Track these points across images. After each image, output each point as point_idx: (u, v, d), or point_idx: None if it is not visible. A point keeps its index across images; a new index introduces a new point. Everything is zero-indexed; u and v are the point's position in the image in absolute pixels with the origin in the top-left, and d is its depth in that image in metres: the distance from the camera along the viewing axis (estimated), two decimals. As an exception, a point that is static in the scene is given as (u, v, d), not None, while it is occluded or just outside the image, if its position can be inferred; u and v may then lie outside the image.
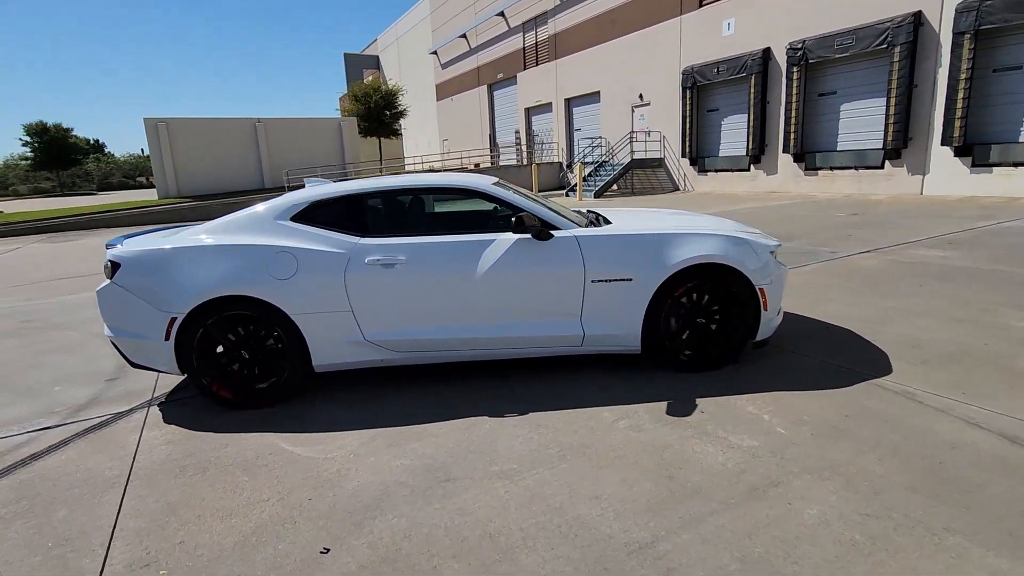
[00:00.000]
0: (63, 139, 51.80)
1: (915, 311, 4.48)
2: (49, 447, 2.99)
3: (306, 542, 2.10)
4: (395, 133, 35.15)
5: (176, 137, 27.18)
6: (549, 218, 3.45)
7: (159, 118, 26.91)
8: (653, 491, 2.31)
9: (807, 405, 2.99)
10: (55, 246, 13.91)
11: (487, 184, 3.56)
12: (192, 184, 27.35)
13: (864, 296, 5.00)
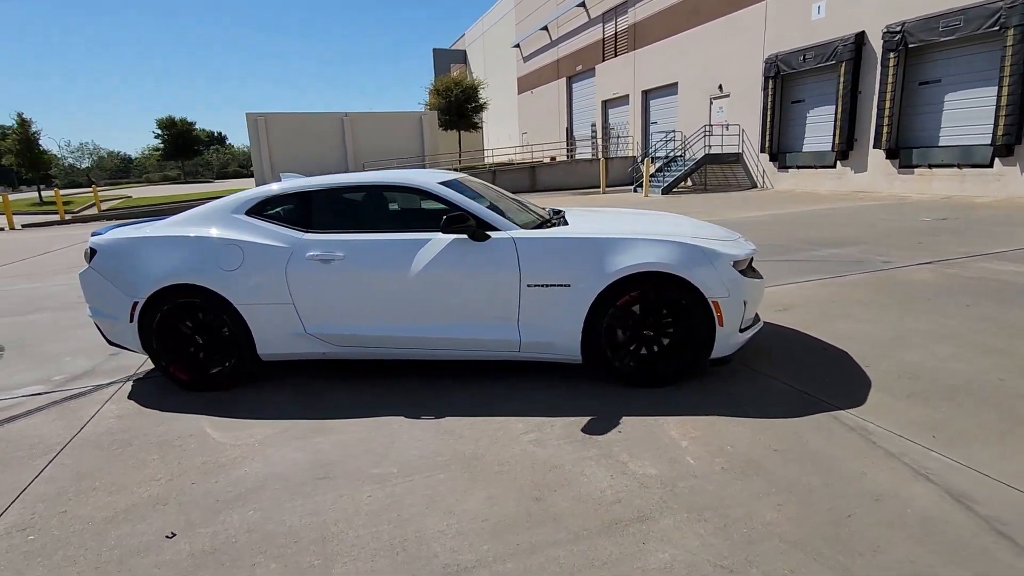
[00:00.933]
0: (187, 132, 57.80)
1: (941, 335, 3.90)
2: (26, 412, 3.35)
3: (163, 525, 2.20)
4: (475, 126, 35.71)
5: (272, 131, 29.35)
6: (488, 219, 3.34)
7: (259, 113, 29.18)
8: (512, 512, 2.19)
9: (739, 434, 2.70)
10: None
11: (429, 182, 3.52)
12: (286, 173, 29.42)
13: (890, 314, 4.42)
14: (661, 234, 3.28)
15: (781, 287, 5.47)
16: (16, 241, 13.55)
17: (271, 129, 29.33)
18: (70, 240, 12.89)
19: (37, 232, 16.13)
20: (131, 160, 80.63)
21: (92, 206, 25.63)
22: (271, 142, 29.39)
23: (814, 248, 7.44)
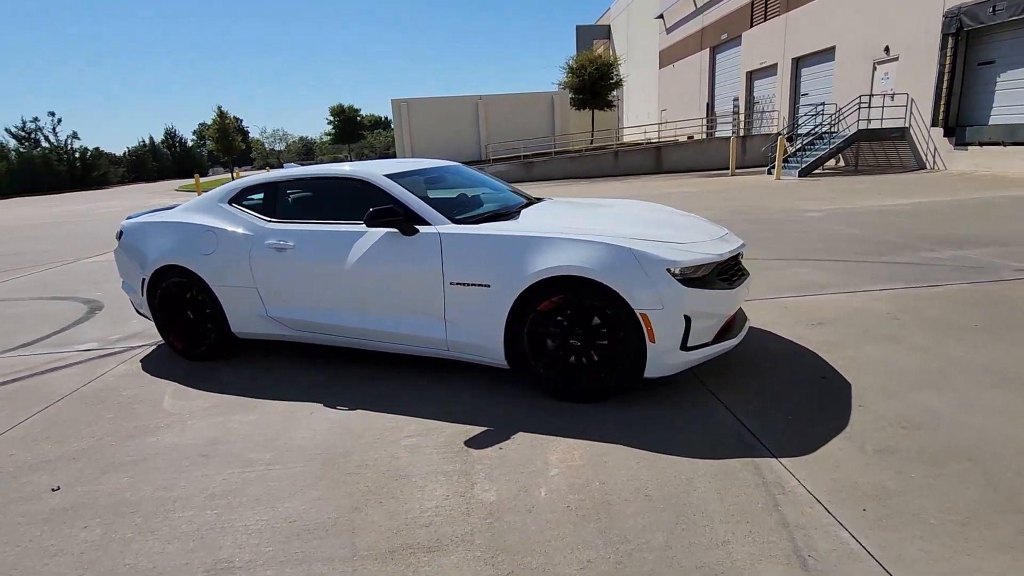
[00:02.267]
0: (353, 118, 64.20)
1: (998, 376, 2.98)
2: (64, 365, 4.06)
3: (59, 479, 2.54)
4: (609, 105, 34.65)
5: (414, 115, 31.34)
6: (420, 212, 3.25)
7: (402, 99, 31.31)
8: (323, 519, 2.15)
9: (626, 469, 2.35)
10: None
11: (373, 173, 3.49)
12: (424, 156, 31.34)
13: (949, 340, 3.48)
14: (592, 233, 2.91)
15: (839, 295, 4.58)
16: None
17: (413, 114, 31.32)
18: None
19: None
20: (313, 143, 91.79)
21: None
22: (412, 126, 31.42)
23: (933, 248, 6.08)
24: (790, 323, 4.00)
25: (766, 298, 4.65)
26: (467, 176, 4.38)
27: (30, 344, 4.58)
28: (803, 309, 4.29)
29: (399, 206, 3.26)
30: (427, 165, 4.08)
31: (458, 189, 4.14)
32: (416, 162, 4.10)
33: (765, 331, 3.88)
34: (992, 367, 3.09)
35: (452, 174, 4.26)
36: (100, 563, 1.97)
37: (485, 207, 3.72)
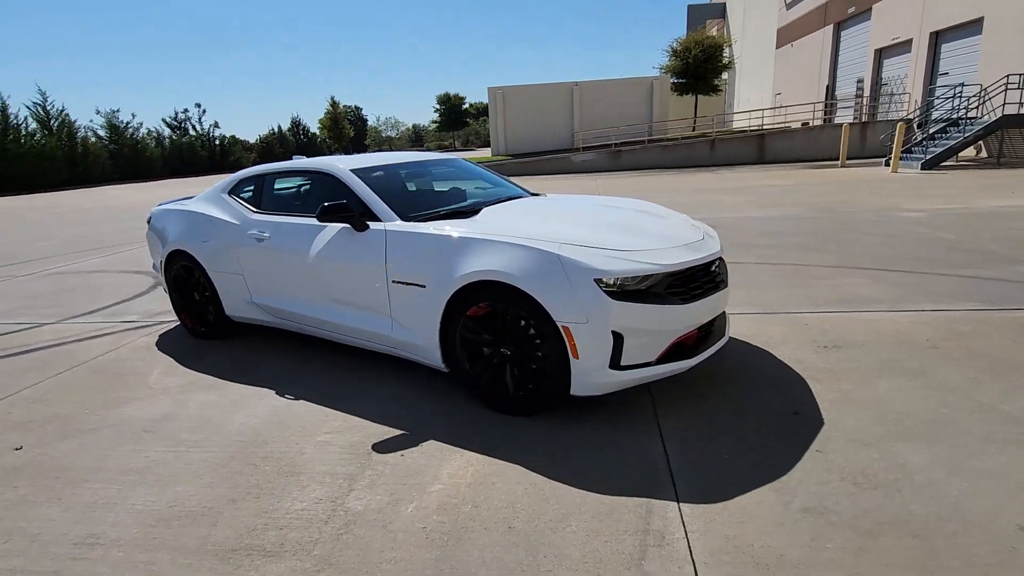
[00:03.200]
0: (458, 106, 66.01)
1: (1022, 431, 2.39)
2: (104, 334, 4.56)
3: (26, 440, 2.85)
4: (714, 89, 32.54)
5: (509, 103, 31.47)
6: (374, 208, 3.22)
7: (499, 87, 31.54)
8: (178, 511, 2.22)
9: (510, 495, 2.18)
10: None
11: (339, 167, 3.50)
12: (517, 144, 31.45)
13: (991, 384, 2.86)
14: (525, 235, 2.72)
15: (880, 313, 3.95)
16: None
17: (508, 102, 31.47)
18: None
19: None
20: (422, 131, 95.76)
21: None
22: (507, 114, 31.59)
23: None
24: (798, 343, 3.50)
25: (787, 311, 4.11)
26: (465, 171, 4.30)
27: (90, 313, 5.21)
28: (825, 328, 3.74)
29: (354, 201, 3.26)
30: (412, 159, 4.04)
31: (452, 183, 4.08)
32: (402, 155, 4.08)
33: (764, 350, 3.43)
34: (1020, 419, 2.48)
35: (443, 168, 4.20)
36: (0, 522, 2.18)
37: (460, 203, 3.62)
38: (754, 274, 5.25)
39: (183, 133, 44.82)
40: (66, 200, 23.46)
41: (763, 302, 4.37)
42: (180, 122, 44.87)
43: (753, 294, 4.61)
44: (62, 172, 32.13)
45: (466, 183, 4.17)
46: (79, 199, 23.57)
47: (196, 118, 47.16)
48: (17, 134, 30.81)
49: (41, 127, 33.08)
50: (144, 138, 40.30)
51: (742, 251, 6.23)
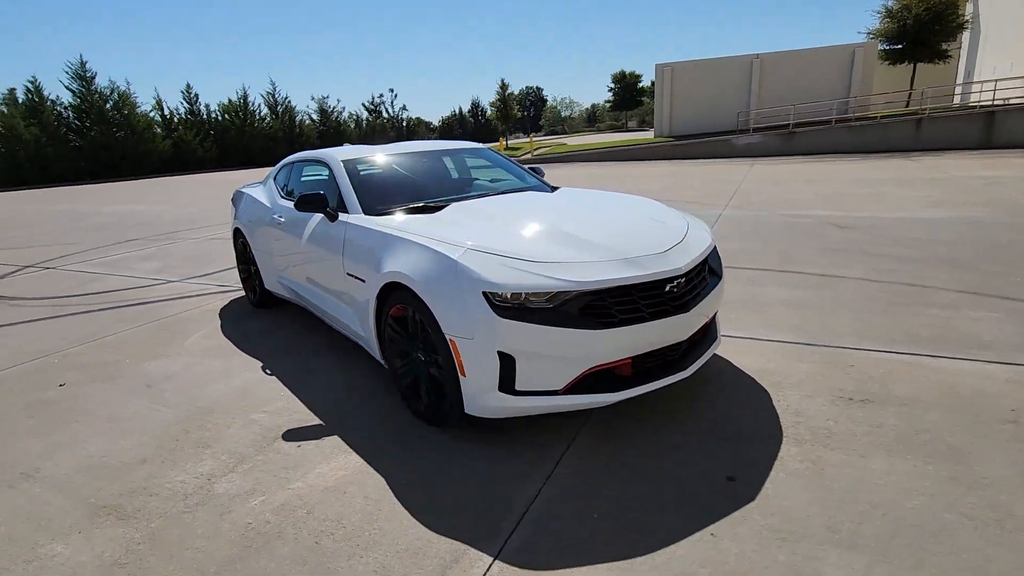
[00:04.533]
0: (633, 84, 63.71)
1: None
2: (196, 295, 5.38)
3: (71, 380, 3.50)
4: (941, 56, 26.79)
5: (677, 80, 29.52)
6: (346, 199, 3.27)
7: (667, 63, 29.71)
8: (101, 456, 2.53)
9: (343, 507, 2.11)
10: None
11: (333, 156, 3.60)
12: (682, 125, 29.49)
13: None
14: (442, 237, 2.53)
15: (973, 363, 2.97)
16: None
17: (676, 78, 29.54)
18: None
19: None
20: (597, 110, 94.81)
21: (527, 153, 32.22)
22: (674, 91, 29.70)
23: None
24: (817, 389, 2.78)
25: (837, 344, 3.28)
26: (485, 161, 4.16)
27: (203, 275, 6.18)
28: (873, 373, 2.91)
29: (336, 192, 3.35)
30: (421, 148, 4.01)
31: (464, 174, 4.00)
32: (415, 145, 4.07)
33: (763, 391, 2.80)
34: None
35: (456, 158, 4.11)
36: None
37: (449, 195, 3.51)
38: (841, 292, 4.27)
39: (377, 115, 50.37)
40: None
41: (815, 329, 3.55)
42: (375, 106, 50.53)
43: (810, 317, 3.76)
44: (281, 150, 38.45)
45: (481, 174, 4.04)
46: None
47: (389, 102, 52.74)
48: (253, 118, 37.60)
49: (270, 112, 39.88)
50: (346, 120, 46.28)
51: (856, 261, 5.11)
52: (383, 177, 3.66)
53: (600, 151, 24.09)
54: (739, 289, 4.48)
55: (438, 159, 4.02)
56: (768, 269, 5.06)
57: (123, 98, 30.37)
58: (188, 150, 33.11)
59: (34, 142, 26.41)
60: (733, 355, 3.26)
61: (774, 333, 3.53)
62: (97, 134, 29.27)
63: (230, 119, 36.44)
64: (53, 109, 28.28)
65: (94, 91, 29.44)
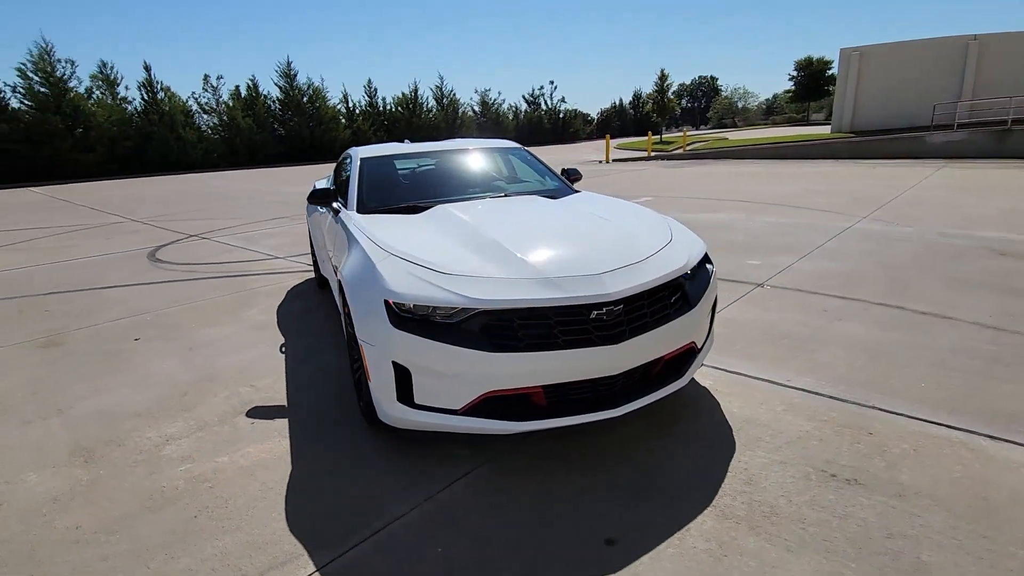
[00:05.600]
0: (821, 72, 56.56)
1: None
2: (286, 272, 6.05)
3: (146, 336, 4.17)
4: None
5: (865, 67, 25.71)
6: (348, 196, 3.43)
7: (854, 47, 25.95)
8: (117, 401, 2.98)
9: (219, 489, 2.25)
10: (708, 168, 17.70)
11: (357, 153, 3.78)
12: (865, 119, 25.73)
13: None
14: (382, 240, 2.55)
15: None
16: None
17: (864, 64, 25.74)
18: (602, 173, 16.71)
19: (619, 167, 20.56)
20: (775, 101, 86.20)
21: (678, 148, 30.49)
22: (860, 80, 25.93)
23: None
24: (801, 456, 2.28)
25: (876, 407, 2.64)
26: (511, 161, 4.07)
27: (298, 255, 6.92)
28: (891, 448, 2.30)
29: (344, 185, 3.53)
30: (444, 148, 4.02)
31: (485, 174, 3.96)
32: (440, 144, 4.09)
33: (733, 444, 2.37)
34: None
35: (479, 158, 4.06)
36: (51, 379, 3.36)
37: (454, 195, 3.50)
38: (937, 337, 3.41)
39: (536, 107, 51.43)
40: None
41: (861, 380, 2.88)
42: (535, 98, 51.62)
43: (867, 366, 3.06)
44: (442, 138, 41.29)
45: (505, 174, 3.96)
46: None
47: (548, 94, 53.34)
48: (420, 110, 40.84)
49: (437, 104, 42.93)
50: (505, 112, 48.03)
51: (986, 300, 4.05)
52: (391, 175, 3.77)
53: (762, 147, 21.76)
54: (802, 320, 3.81)
55: (458, 158, 4.01)
56: (859, 299, 4.22)
57: (316, 93, 35.01)
58: (364, 139, 37.08)
59: (247, 130, 31.72)
60: (729, 397, 2.80)
61: (801, 379, 2.95)
62: (294, 124, 34.15)
63: (401, 111, 39.96)
64: (264, 103, 33.59)
65: (295, 87, 34.37)
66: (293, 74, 34.73)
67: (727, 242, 6.34)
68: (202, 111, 32.35)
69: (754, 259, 5.55)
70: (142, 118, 29.06)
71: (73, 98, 26.58)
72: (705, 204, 9.38)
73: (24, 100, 25.93)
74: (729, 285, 4.68)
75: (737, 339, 3.53)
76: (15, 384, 3.38)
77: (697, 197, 10.36)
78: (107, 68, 28.98)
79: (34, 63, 25.87)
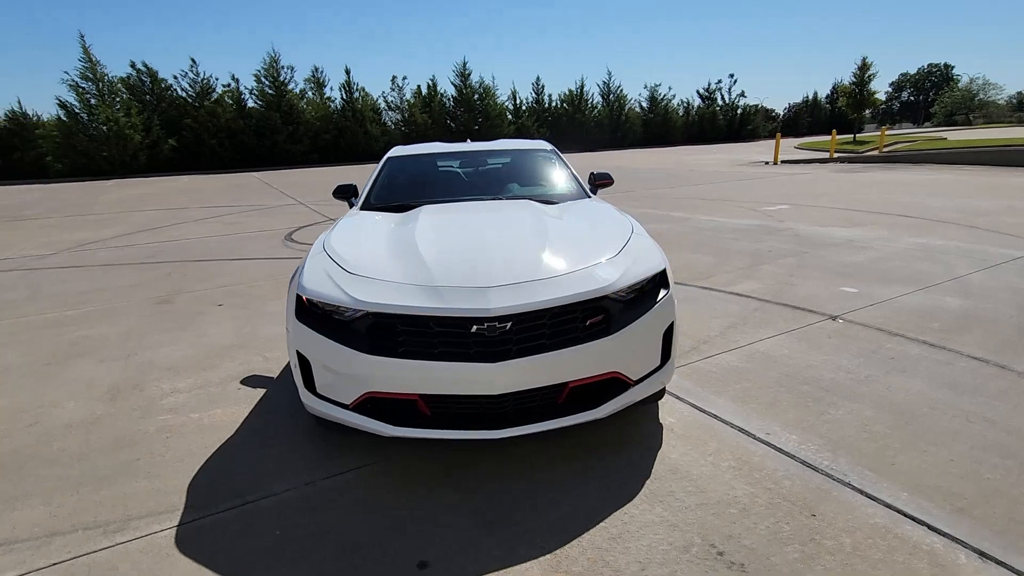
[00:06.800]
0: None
1: None
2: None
3: (230, 303, 4.91)
4: None
5: None
6: (362, 193, 3.64)
7: None
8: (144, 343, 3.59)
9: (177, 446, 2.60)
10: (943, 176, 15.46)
11: (391, 151, 3.99)
12: None
13: None
14: (336, 237, 2.72)
15: None
16: (746, 176, 17.15)
17: None
18: (766, 176, 15.28)
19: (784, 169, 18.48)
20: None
21: (874, 149, 26.21)
22: None
23: None
24: (698, 528, 1.94)
25: (852, 484, 2.12)
26: (537, 164, 3.98)
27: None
28: (824, 532, 1.84)
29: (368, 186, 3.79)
30: (471, 148, 4.05)
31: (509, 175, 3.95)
32: (471, 145, 4.13)
33: (633, 493, 2.10)
34: None
35: (506, 160, 4.01)
36: (143, 330, 4.14)
37: (456, 196, 3.56)
38: (1015, 405, 2.58)
39: (711, 103, 48.20)
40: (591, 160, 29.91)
41: (862, 451, 2.31)
42: (711, 92, 48.36)
43: (886, 436, 2.43)
44: (604, 135, 40.87)
45: (523, 175, 3.89)
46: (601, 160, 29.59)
47: (727, 88, 49.53)
48: (585, 106, 40.88)
49: (603, 100, 42.57)
50: (675, 108, 45.79)
51: None
52: (408, 174, 3.91)
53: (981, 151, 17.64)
54: (850, 366, 3.15)
55: (480, 160, 4.02)
56: (952, 349, 3.35)
57: (486, 91, 37.04)
58: (527, 134, 38.34)
59: (422, 125, 34.82)
60: (678, 440, 2.46)
61: (786, 434, 2.47)
62: (463, 120, 36.58)
63: (566, 107, 40.40)
64: (440, 100, 36.51)
65: (468, 86, 36.76)
66: (467, 74, 37.13)
67: (836, 263, 5.41)
68: (388, 108, 36.26)
69: (853, 286, 4.67)
70: (340, 115, 33.51)
71: (289, 98, 31.65)
72: (847, 217, 8.05)
73: (257, 100, 31.61)
74: (792, 313, 4.03)
75: (745, 377, 3.05)
76: (119, 330, 4.26)
77: (844, 208, 8.93)
78: (318, 72, 33.95)
79: (265, 70, 31.35)
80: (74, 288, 5.63)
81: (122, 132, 27.12)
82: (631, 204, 10.19)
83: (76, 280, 6.00)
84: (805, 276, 5.02)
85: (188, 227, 9.58)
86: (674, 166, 20.46)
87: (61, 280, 6.04)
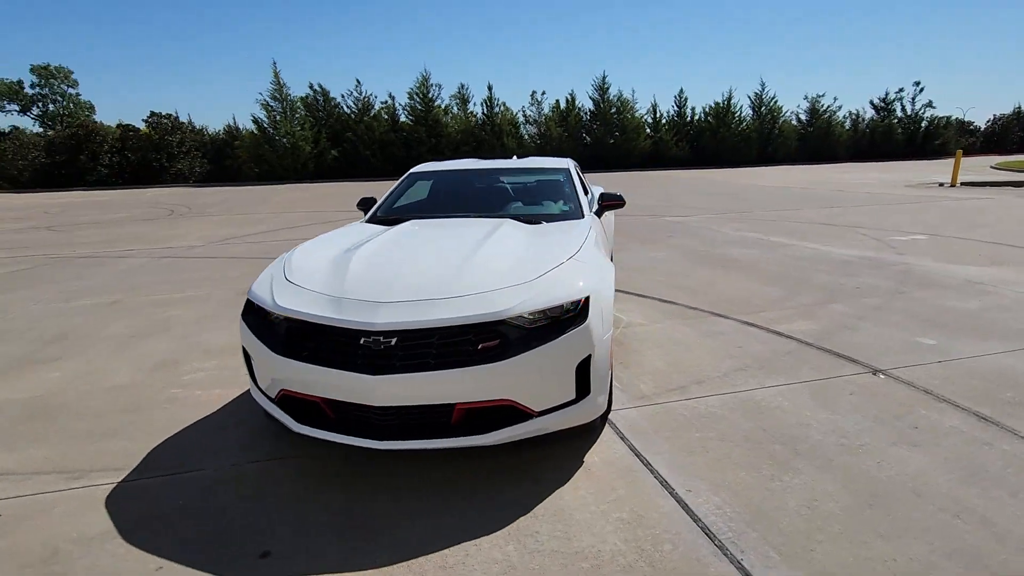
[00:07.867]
0: None
1: None
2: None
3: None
4: None
5: None
6: (378, 205, 3.91)
7: None
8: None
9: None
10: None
11: (419, 168, 4.20)
12: None
13: None
14: (311, 244, 3.01)
15: None
16: (903, 200, 15.05)
17: None
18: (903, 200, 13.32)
19: (959, 192, 15.91)
20: None
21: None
22: None
23: None
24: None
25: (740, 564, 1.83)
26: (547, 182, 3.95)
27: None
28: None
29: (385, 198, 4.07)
30: (493, 166, 4.10)
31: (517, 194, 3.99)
32: (488, 163, 4.19)
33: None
34: None
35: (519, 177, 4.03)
36: (214, 316, 4.83)
37: (456, 212, 3.69)
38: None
39: (888, 114, 42.39)
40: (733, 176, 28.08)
41: (774, 532, 1.98)
42: (888, 103, 42.46)
43: (828, 517, 2.04)
44: (752, 151, 37.98)
45: (524, 195, 3.90)
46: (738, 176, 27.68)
47: (909, 97, 43.00)
48: (732, 119, 38.34)
49: (754, 112, 39.57)
50: (840, 120, 40.93)
51: None
52: (420, 190, 4.09)
53: None
54: (852, 431, 2.68)
55: (490, 179, 4.07)
56: (1002, 425, 2.68)
57: (624, 104, 36.50)
58: (665, 149, 37.04)
59: (556, 139, 35.37)
60: (586, 482, 2.31)
61: (705, 498, 2.20)
62: (598, 134, 36.43)
63: (710, 121, 38.29)
64: (577, 114, 36.78)
65: (606, 99, 36.54)
66: (606, 87, 36.95)
67: (933, 308, 4.56)
68: (526, 122, 37.41)
69: (935, 337, 3.91)
70: (479, 128, 35.34)
71: (435, 113, 34.16)
72: (994, 255, 6.68)
73: (408, 115, 34.60)
74: (828, 361, 3.50)
75: (713, 427, 2.73)
76: (198, 315, 5.01)
77: (996, 243, 7.41)
78: (463, 88, 36.16)
79: (417, 88, 34.21)
80: (194, 276, 6.72)
81: (297, 144, 31.45)
82: (731, 227, 9.45)
83: (201, 269, 7.14)
84: (879, 320, 4.30)
85: (318, 228, 10.84)
86: (818, 186, 18.42)
87: (193, 268, 7.22)
